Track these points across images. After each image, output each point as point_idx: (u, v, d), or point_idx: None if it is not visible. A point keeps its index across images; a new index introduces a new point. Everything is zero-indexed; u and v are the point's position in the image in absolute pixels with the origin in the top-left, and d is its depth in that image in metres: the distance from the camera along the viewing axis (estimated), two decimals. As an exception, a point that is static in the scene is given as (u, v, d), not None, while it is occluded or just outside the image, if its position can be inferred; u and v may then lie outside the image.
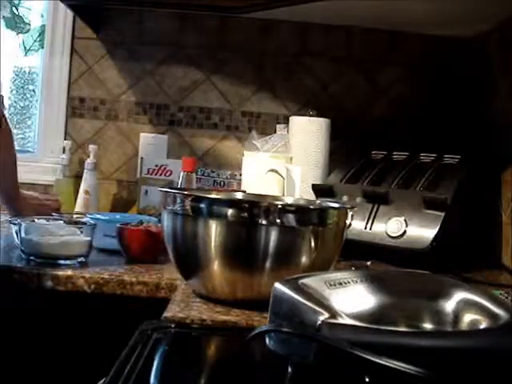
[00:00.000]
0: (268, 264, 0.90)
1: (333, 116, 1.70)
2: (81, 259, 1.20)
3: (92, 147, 1.79)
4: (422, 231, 1.32)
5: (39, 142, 1.93)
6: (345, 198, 1.46)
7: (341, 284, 0.68)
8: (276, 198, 1.26)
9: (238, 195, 1.22)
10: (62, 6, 1.76)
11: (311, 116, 1.67)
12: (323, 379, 0.60)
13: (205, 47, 1.88)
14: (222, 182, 1.82)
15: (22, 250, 1.19)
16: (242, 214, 0.90)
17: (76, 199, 1.75)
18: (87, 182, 1.75)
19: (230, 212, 0.90)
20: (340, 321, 0.59)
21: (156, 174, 1.72)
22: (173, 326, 0.84)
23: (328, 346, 0.56)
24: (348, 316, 0.61)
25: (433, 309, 0.67)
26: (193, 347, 0.83)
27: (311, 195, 1.52)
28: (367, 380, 0.56)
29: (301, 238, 0.92)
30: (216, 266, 0.92)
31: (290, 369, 0.63)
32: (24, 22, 1.96)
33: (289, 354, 0.62)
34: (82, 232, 1.22)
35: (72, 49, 1.88)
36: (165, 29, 1.88)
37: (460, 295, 0.68)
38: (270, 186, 1.51)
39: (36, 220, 1.26)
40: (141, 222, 1.30)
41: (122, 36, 1.88)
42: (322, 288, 0.66)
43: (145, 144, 1.81)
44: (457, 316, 0.66)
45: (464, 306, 0.67)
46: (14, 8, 1.96)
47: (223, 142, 1.90)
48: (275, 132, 1.74)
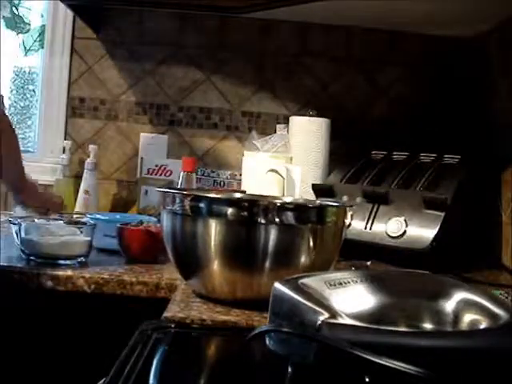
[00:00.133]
0: (268, 263, 0.90)
1: (333, 116, 1.70)
2: (81, 259, 1.20)
3: (92, 147, 1.79)
4: (422, 231, 1.32)
5: (39, 142, 1.93)
6: (345, 198, 1.46)
7: (341, 284, 0.68)
8: (276, 198, 1.26)
9: (238, 195, 1.22)
10: (62, 5, 1.76)
11: (311, 116, 1.67)
12: (323, 379, 0.60)
13: (205, 47, 1.88)
14: (221, 182, 1.82)
15: (22, 250, 1.19)
16: (242, 213, 0.90)
17: (76, 199, 1.75)
18: (87, 182, 1.75)
19: (230, 211, 0.90)
20: (340, 321, 0.59)
21: (156, 174, 1.72)
22: (173, 326, 0.84)
23: (328, 346, 0.56)
24: (348, 316, 0.61)
25: (433, 309, 0.67)
26: (193, 347, 0.83)
27: (311, 195, 1.52)
28: (367, 380, 0.56)
29: (300, 236, 0.92)
30: (216, 265, 0.92)
31: (290, 369, 0.63)
32: (24, 22, 1.96)
33: (289, 354, 0.62)
34: (81, 232, 1.22)
35: (72, 49, 1.88)
36: (165, 29, 1.88)
37: (460, 295, 0.68)
38: (269, 186, 1.51)
39: (36, 220, 1.26)
40: (141, 222, 1.30)
41: (122, 36, 1.88)
42: (322, 288, 0.66)
43: (145, 144, 1.81)
44: (457, 316, 0.66)
45: (464, 306, 0.67)
46: (14, 8, 1.96)
47: (223, 141, 1.90)
48: (275, 132, 1.74)
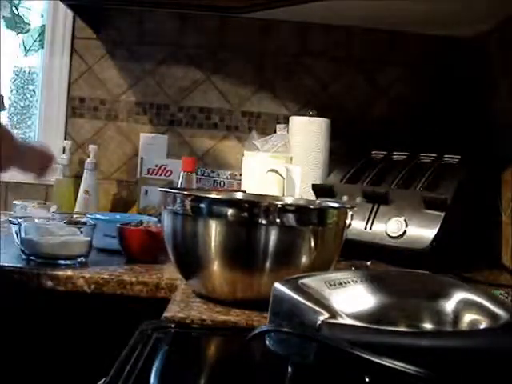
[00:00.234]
0: (268, 264, 0.90)
1: (333, 116, 1.70)
2: (81, 259, 1.20)
3: (92, 147, 1.79)
4: (422, 231, 1.32)
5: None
6: (345, 198, 1.46)
7: (341, 284, 0.68)
8: (276, 198, 1.26)
9: (238, 195, 1.22)
10: (62, 5, 1.76)
11: (311, 116, 1.67)
12: (323, 379, 0.60)
13: (205, 47, 1.88)
14: (221, 182, 1.82)
15: (22, 250, 1.19)
16: (242, 213, 0.90)
17: (76, 199, 1.75)
18: (87, 182, 1.75)
19: (230, 212, 0.90)
20: (340, 321, 0.59)
21: (156, 174, 1.72)
22: (173, 326, 0.84)
23: (328, 346, 0.56)
24: (348, 316, 0.61)
25: (433, 309, 0.67)
26: (193, 347, 0.83)
27: (311, 195, 1.52)
28: (367, 380, 0.56)
29: (301, 237, 0.92)
30: (216, 265, 0.92)
31: (290, 369, 0.63)
32: (24, 22, 1.96)
33: (289, 354, 0.62)
34: (81, 232, 1.22)
35: (72, 49, 1.88)
36: (165, 29, 1.88)
37: (460, 295, 0.68)
38: (269, 186, 1.51)
39: (36, 220, 1.26)
40: (141, 222, 1.30)
41: (122, 36, 1.88)
42: (322, 288, 0.66)
43: (145, 144, 1.81)
44: (457, 316, 0.66)
45: (464, 306, 0.67)
46: (14, 8, 1.95)
47: (223, 141, 1.90)
48: (275, 132, 1.74)
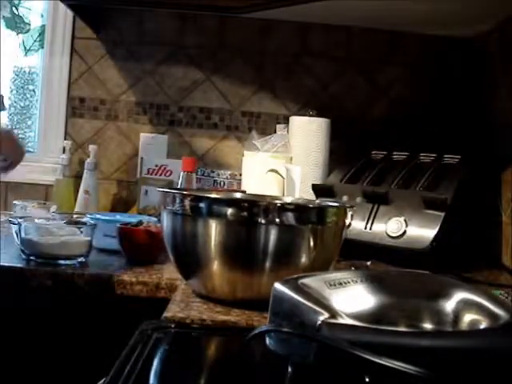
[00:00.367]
0: (268, 264, 0.90)
1: (333, 116, 1.70)
2: (81, 259, 1.20)
3: (92, 147, 1.79)
4: (422, 231, 1.32)
5: (39, 142, 1.93)
6: (345, 198, 1.46)
7: (341, 284, 0.68)
8: (276, 198, 1.26)
9: (238, 195, 1.22)
10: (62, 5, 1.76)
11: (311, 116, 1.67)
12: (323, 379, 0.60)
13: (205, 47, 1.88)
14: (221, 182, 1.82)
15: (22, 250, 1.19)
16: (242, 213, 0.90)
17: (76, 199, 1.75)
18: (87, 182, 1.75)
19: (230, 211, 0.90)
20: (340, 321, 0.59)
21: (156, 174, 1.72)
22: (173, 326, 0.84)
23: (328, 346, 0.56)
24: (348, 316, 0.61)
25: (433, 309, 0.67)
26: (193, 347, 0.83)
27: (311, 195, 1.52)
28: (367, 380, 0.55)
29: (300, 236, 0.92)
30: (216, 265, 0.92)
31: (290, 369, 0.63)
32: (24, 22, 1.96)
33: (289, 354, 0.62)
34: (81, 232, 1.22)
35: (72, 49, 1.88)
36: (165, 29, 1.88)
37: (460, 295, 0.68)
38: (269, 186, 1.51)
39: (36, 220, 1.26)
40: (141, 221, 1.30)
41: (122, 36, 1.88)
42: (322, 288, 0.66)
43: (145, 144, 1.81)
44: (457, 316, 0.66)
45: (464, 306, 0.67)
46: (14, 8, 1.95)
47: (223, 141, 1.90)
48: (275, 132, 1.74)
